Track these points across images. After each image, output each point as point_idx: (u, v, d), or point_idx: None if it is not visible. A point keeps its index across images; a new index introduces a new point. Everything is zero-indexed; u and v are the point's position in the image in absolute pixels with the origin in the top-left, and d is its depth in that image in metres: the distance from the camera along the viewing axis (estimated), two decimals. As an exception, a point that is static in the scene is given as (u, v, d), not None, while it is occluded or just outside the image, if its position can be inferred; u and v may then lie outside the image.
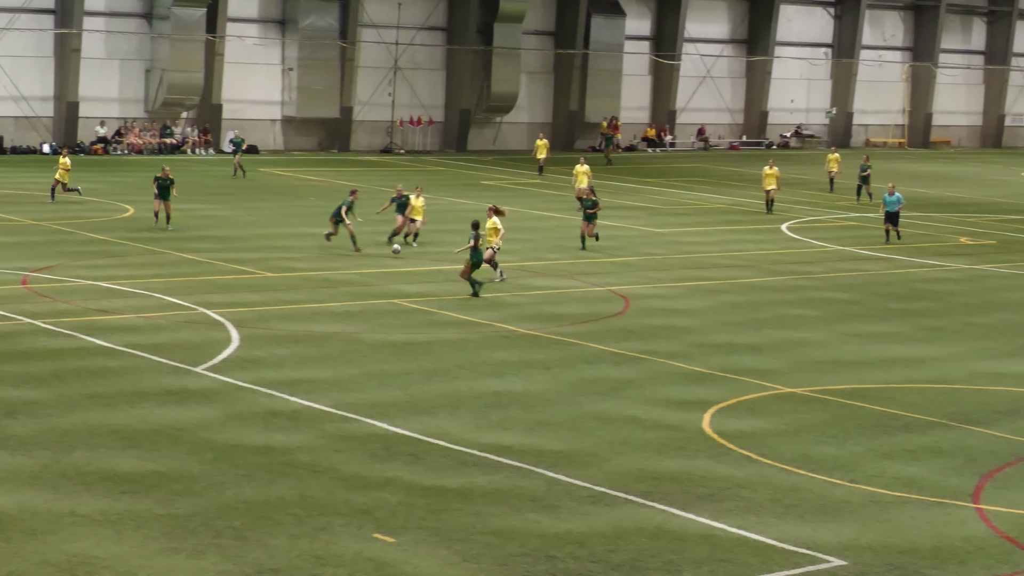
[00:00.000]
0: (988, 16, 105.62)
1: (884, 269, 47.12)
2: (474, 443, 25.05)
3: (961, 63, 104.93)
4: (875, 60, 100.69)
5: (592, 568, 19.54)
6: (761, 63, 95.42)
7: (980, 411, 29.10)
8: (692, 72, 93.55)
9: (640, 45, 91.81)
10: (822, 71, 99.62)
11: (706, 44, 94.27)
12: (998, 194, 72.95)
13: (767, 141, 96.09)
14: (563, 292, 40.27)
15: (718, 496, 22.90)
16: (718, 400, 28.97)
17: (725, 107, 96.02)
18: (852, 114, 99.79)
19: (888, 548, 20.90)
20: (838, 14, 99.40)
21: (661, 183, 71.10)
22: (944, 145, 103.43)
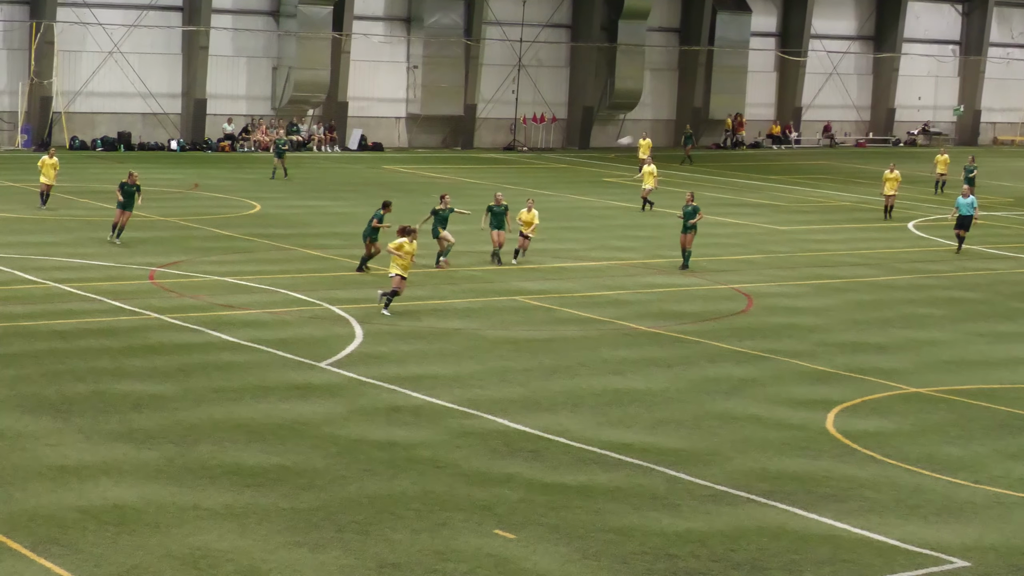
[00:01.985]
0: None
1: (1012, 268, 46.50)
2: (594, 440, 25.03)
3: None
4: (1003, 57, 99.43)
5: (713, 567, 19.46)
6: (888, 60, 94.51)
7: (1109, 413, 28.67)
8: (818, 69, 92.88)
9: (766, 42, 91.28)
10: (950, 68, 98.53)
11: (833, 40, 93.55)
12: None
13: (894, 139, 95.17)
14: (685, 290, 40.12)
15: (841, 496, 22.71)
16: (842, 400, 28.74)
17: (851, 104, 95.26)
18: (980, 112, 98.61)
19: (1012, 550, 20.64)
20: (966, 11, 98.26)
21: (786, 180, 70.65)
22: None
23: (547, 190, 61.63)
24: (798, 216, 57.63)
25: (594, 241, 47.33)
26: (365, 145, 78.40)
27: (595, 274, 41.44)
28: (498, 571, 18.94)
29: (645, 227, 51.30)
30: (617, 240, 48.12)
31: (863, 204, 62.19)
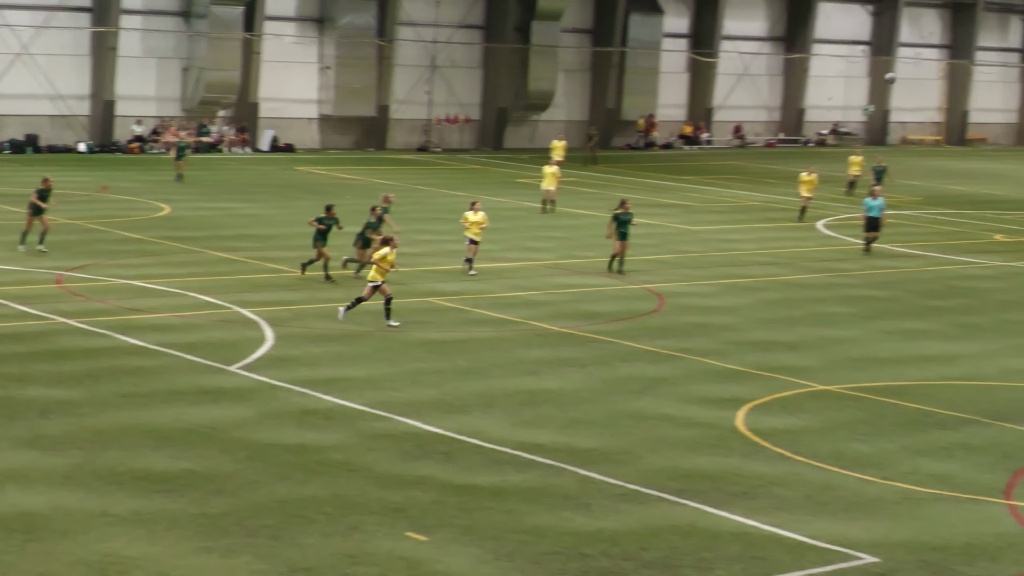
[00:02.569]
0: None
1: (919, 266, 46.95)
2: (508, 441, 25.04)
3: (998, 61, 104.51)
4: (913, 58, 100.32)
5: (625, 566, 19.52)
6: (799, 60, 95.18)
7: (1014, 408, 28.98)
8: (730, 70, 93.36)
9: (678, 43, 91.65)
10: (860, 69, 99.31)
11: (744, 42, 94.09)
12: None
13: (804, 139, 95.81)
14: (598, 290, 40.22)
15: (751, 494, 22.85)
16: (753, 398, 28.91)
17: (762, 104, 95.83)
18: (889, 112, 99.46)
19: (921, 545, 20.83)
20: (876, 11, 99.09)
21: (697, 181, 70.98)
22: (980, 142, 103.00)
23: (460, 191, 61.59)
24: (709, 216, 57.93)
25: (507, 242, 47.33)
26: (277, 146, 78.06)
27: (508, 275, 41.46)
28: (410, 574, 18.91)
29: (558, 228, 51.40)
30: (530, 241, 48.17)
31: (773, 204, 62.59)
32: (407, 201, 51.91)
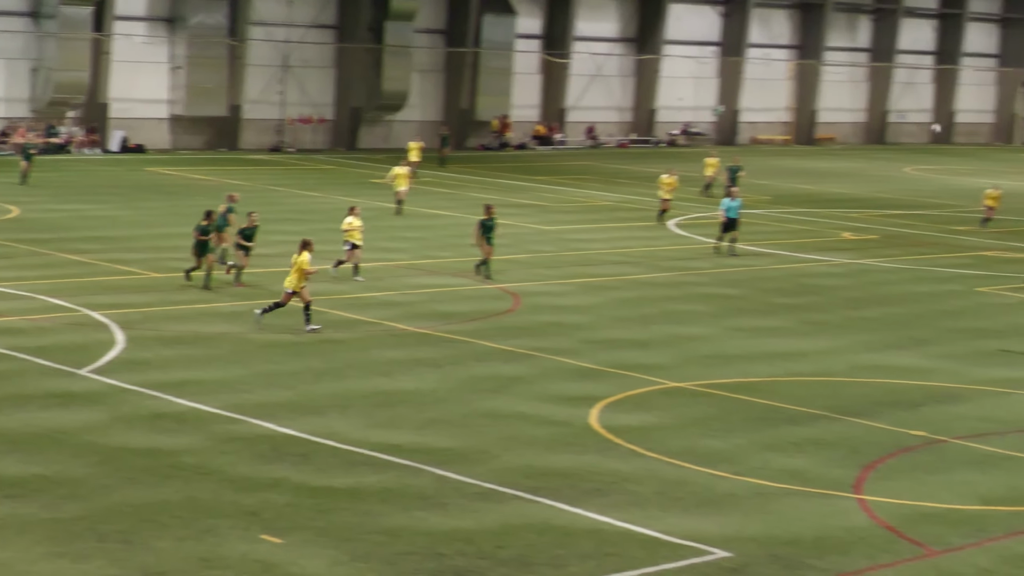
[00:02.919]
0: (874, 14, 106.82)
1: (769, 264, 47.54)
2: (363, 442, 25.00)
3: (846, 60, 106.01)
4: (762, 58, 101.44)
5: (480, 564, 19.58)
6: (650, 61, 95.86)
7: (862, 403, 29.46)
8: (582, 70, 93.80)
9: (531, 44, 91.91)
10: (710, 69, 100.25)
11: (596, 43, 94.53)
12: (881, 190, 73.77)
13: (656, 139, 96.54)
14: (453, 290, 40.26)
15: (605, 490, 23.01)
16: (606, 395, 29.11)
17: (615, 105, 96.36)
18: (739, 112, 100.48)
19: (772, 539, 21.11)
20: (726, 12, 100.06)
21: (551, 181, 71.25)
22: (829, 142, 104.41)
23: (314, 192, 61.37)
24: (563, 216, 58.19)
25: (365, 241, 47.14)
26: (127, 147, 77.13)
27: (363, 276, 41.30)
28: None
29: (412, 228, 51.35)
30: (385, 241, 48.05)
31: (626, 204, 63.02)
32: (260, 202, 51.55)
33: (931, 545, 21.25)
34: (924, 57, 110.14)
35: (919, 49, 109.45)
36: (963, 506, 23.14)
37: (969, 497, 23.61)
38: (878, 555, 20.72)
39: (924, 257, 50.63)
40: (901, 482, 24.30)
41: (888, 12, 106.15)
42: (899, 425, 27.84)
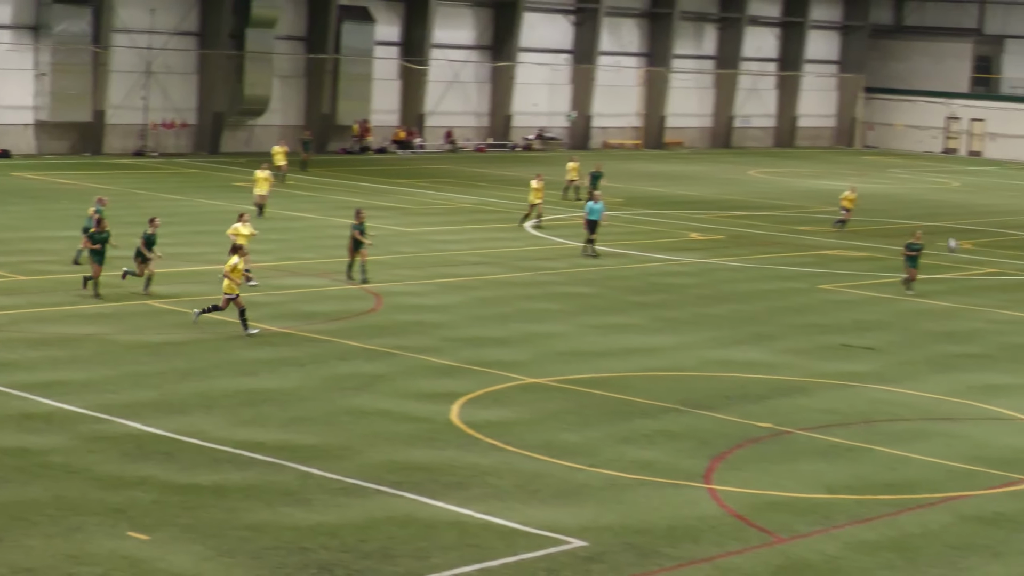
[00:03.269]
0: (719, 23, 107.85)
1: (621, 264, 47.84)
2: (228, 440, 24.81)
3: (693, 67, 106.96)
4: (613, 65, 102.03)
5: (344, 558, 19.51)
6: (506, 68, 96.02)
7: (711, 396, 29.75)
8: (440, 77, 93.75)
9: (390, 50, 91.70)
10: (563, 76, 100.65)
11: (453, 50, 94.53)
12: (727, 192, 74.52)
13: (512, 143, 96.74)
14: (316, 291, 40.07)
15: (466, 484, 23.04)
16: (466, 392, 29.14)
17: (472, 111, 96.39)
18: (591, 117, 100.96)
19: (626, 528, 21.25)
20: (578, 21, 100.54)
21: (411, 184, 71.12)
22: (677, 146, 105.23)
23: (177, 195, 60.76)
24: (423, 218, 58.12)
25: (225, 245, 46.72)
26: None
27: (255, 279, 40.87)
28: (132, 572, 18.62)
29: (276, 230, 50.96)
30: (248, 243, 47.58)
31: (484, 206, 63.10)
32: (124, 205, 50.97)
33: (779, 533, 21.51)
34: (768, 64, 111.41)
35: (763, 56, 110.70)
36: (809, 495, 23.45)
37: (815, 486, 23.93)
38: (728, 542, 20.94)
39: (769, 256, 51.24)
40: (749, 472, 24.57)
41: (732, 20, 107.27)
42: (746, 417, 28.15)
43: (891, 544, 21.18)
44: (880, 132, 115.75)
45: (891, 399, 30.43)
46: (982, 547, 21.28)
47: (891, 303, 42.47)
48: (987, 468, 25.44)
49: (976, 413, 29.61)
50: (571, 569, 19.55)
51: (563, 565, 19.67)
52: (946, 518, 22.58)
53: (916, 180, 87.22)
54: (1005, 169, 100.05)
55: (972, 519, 22.58)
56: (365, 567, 19.24)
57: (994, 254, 54.22)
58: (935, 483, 24.48)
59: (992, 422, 28.95)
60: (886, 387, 31.44)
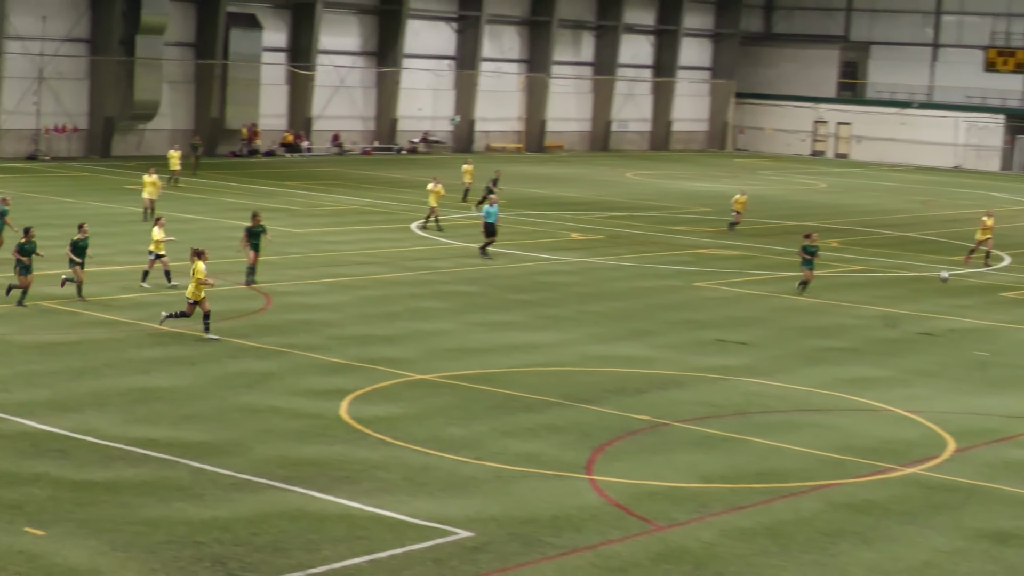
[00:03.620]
0: (596, 30, 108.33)
1: (505, 264, 47.90)
2: (121, 438, 24.54)
3: (572, 74, 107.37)
4: (495, 71, 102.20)
5: (237, 551, 19.37)
6: (391, 74, 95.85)
7: (592, 390, 29.86)
8: (327, 82, 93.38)
9: (277, 56, 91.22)
10: (447, 81, 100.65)
11: (339, 56, 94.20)
12: (605, 193, 74.87)
13: (397, 147, 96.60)
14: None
15: (355, 478, 22.96)
16: (355, 388, 29.04)
17: (358, 115, 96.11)
18: (474, 121, 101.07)
19: (511, 519, 21.28)
20: (460, 28, 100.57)
21: (299, 186, 70.75)
22: (557, 149, 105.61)
23: (70, 198, 59.99)
24: (311, 219, 57.84)
25: (118, 246, 46.34)
26: None
27: (120, 278, 40.55)
28: (29, 567, 18.36)
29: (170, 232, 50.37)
30: (140, 245, 47.09)
31: (371, 208, 62.92)
32: (18, 208, 50.15)
33: (657, 521, 21.64)
34: (643, 70, 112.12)
35: (638, 63, 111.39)
36: (686, 484, 23.62)
37: (691, 476, 24.11)
38: (609, 531, 21.04)
39: (646, 255, 51.56)
40: (628, 463, 24.70)
41: (609, 28, 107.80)
42: (625, 410, 28.30)
43: (765, 531, 21.40)
44: (751, 135, 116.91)
45: (763, 391, 30.74)
46: (852, 533, 21.55)
47: (763, 299, 42.92)
48: (856, 457, 25.77)
49: (845, 404, 30.00)
50: (458, 559, 19.55)
51: (450, 555, 19.67)
52: (817, 505, 22.85)
53: (785, 181, 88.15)
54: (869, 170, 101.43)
55: (842, 506, 22.86)
56: (258, 560, 19.12)
57: (861, 252, 54.95)
58: (806, 472, 24.75)
59: (860, 413, 29.33)
60: (759, 380, 31.76)
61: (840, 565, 20.16)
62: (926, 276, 49.17)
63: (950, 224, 65.45)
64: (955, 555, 20.80)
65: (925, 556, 20.69)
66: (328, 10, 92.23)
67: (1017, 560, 20.72)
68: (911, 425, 28.40)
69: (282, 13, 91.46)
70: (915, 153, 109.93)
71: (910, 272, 50.16)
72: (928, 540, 21.38)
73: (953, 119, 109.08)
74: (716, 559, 20.15)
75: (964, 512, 22.87)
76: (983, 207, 74.90)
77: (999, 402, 30.84)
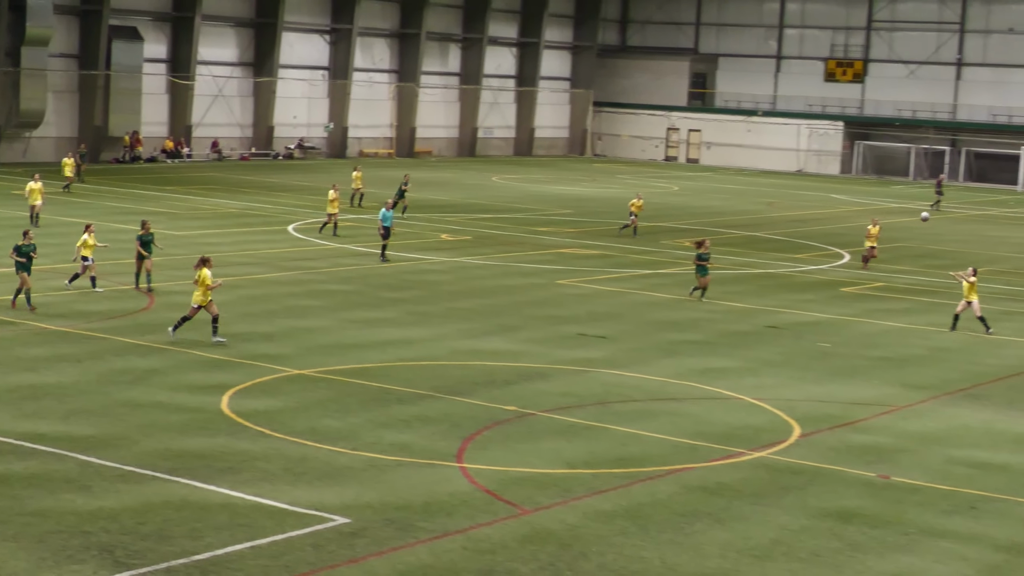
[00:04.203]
0: (462, 42, 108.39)
1: (378, 264, 47.76)
2: (10, 432, 24.13)
3: (440, 83, 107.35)
4: (366, 81, 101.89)
5: (123, 540, 19.14)
6: (267, 83, 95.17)
7: (461, 383, 29.88)
8: (206, 91, 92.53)
9: (158, 67, 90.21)
10: (321, 91, 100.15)
11: (217, 66, 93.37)
12: (473, 196, 74.94)
13: (274, 153, 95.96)
14: (92, 291, 39.13)
15: (237, 468, 22.77)
16: (236, 384, 28.80)
17: (236, 122, 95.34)
18: (347, 128, 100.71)
19: (386, 505, 21.24)
20: (333, 41, 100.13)
21: (180, 190, 70.02)
22: (427, 154, 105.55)
23: (-43, 203, 58.80)
24: (192, 222, 57.24)
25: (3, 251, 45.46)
26: None
27: (4, 279, 39.81)
28: (-81, 560, 18.00)
29: (52, 235, 49.65)
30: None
31: (249, 211, 62.42)
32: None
33: (524, 505, 21.71)
34: (507, 80, 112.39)
35: (502, 73, 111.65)
36: (550, 470, 23.71)
37: (555, 462, 24.21)
38: (478, 515, 21.07)
39: (511, 254, 51.69)
40: (496, 451, 24.75)
41: (474, 41, 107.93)
42: (493, 401, 28.35)
43: (624, 513, 21.55)
44: (608, 142, 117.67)
45: (622, 382, 30.95)
46: (705, 514, 21.78)
47: (621, 296, 43.22)
48: (708, 443, 26.05)
49: (698, 393, 30.31)
50: (336, 544, 19.47)
51: (328, 540, 19.59)
52: (673, 488, 23.06)
53: (641, 185, 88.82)
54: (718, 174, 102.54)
55: (696, 489, 23.09)
56: (143, 548, 18.89)
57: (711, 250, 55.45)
58: (662, 457, 24.97)
59: (712, 401, 29.65)
60: (618, 371, 31.98)
61: (695, 544, 20.36)
62: (772, 273, 49.83)
63: (794, 224, 66.36)
64: (801, 533, 21.11)
65: (773, 534, 20.98)
66: (206, 23, 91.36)
67: (859, 537, 21.08)
68: (759, 412, 28.77)
69: (162, 26, 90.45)
70: (760, 158, 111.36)
71: (756, 269, 50.81)
72: (776, 519, 21.67)
73: (795, 126, 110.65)
74: (579, 540, 20.26)
75: (809, 493, 23.21)
76: (824, 208, 76.10)
77: (840, 390, 31.35)
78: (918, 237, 64.07)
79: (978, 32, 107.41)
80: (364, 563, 18.83)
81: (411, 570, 18.68)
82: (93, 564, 18.24)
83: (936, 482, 24.12)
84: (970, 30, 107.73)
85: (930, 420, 28.77)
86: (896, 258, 54.59)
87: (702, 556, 19.83)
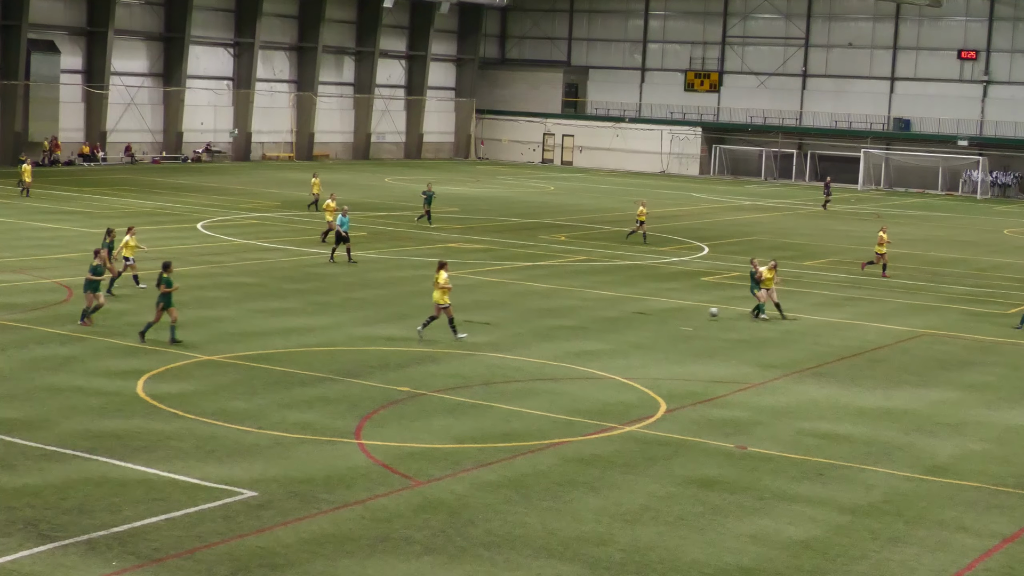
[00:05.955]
0: (356, 55, 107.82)
1: (281, 258, 47.40)
2: (-62, 417, 23.63)
3: (336, 92, 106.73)
4: (268, 90, 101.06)
5: (47, 514, 18.83)
6: (176, 92, 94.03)
7: (359, 367, 29.76)
8: (119, 100, 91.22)
9: (74, 77, 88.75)
10: (226, 99, 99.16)
11: (130, 77, 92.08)
12: (368, 196, 74.60)
13: (183, 156, 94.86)
14: (14, 285, 38.45)
15: (152, 447, 22.50)
16: (150, 369, 28.44)
17: (147, 128, 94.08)
18: (251, 134, 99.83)
19: (290, 479, 21.11)
20: (236, 53, 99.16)
21: (96, 192, 68.93)
22: (325, 158, 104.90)
23: None
24: (107, 221, 56.08)
25: (-70, 246, 44.53)
26: None
27: None
28: None
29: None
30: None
31: (161, 210, 61.60)
32: None
33: (417, 477, 21.68)
34: (397, 90, 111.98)
35: (393, 83, 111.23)
36: (441, 445, 23.71)
37: (445, 438, 24.21)
38: (375, 487, 21.01)
39: (403, 249, 51.53)
40: (391, 428, 24.69)
41: (367, 53, 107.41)
42: (388, 383, 28.27)
43: (508, 483, 21.60)
44: (490, 146, 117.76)
45: (505, 364, 31.00)
46: (582, 483, 21.90)
47: (503, 286, 43.27)
48: (583, 419, 26.18)
49: (574, 374, 30.44)
50: (244, 515, 19.31)
51: (237, 512, 19.42)
52: (552, 460, 23.15)
53: (521, 185, 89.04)
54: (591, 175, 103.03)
55: (573, 460, 23.21)
56: (66, 521, 18.60)
57: (584, 244, 55.80)
58: (542, 432, 25.06)
59: (586, 381, 29.80)
60: (501, 355, 32.03)
61: (572, 510, 20.47)
62: (639, 264, 50.18)
63: (658, 220, 66.83)
64: (667, 499, 21.30)
65: (643, 500, 21.14)
66: (119, 37, 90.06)
67: (719, 501, 21.31)
68: (629, 390, 28.97)
69: (78, 39, 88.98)
70: (628, 160, 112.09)
71: (625, 261, 51.12)
72: (645, 487, 21.84)
73: (659, 131, 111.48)
74: (467, 508, 20.28)
75: (674, 463, 23.42)
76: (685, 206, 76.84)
77: (702, 369, 31.66)
78: (770, 231, 64.88)
79: (821, 47, 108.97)
80: (271, 533, 18.70)
81: (314, 538, 18.58)
82: (19, 537, 17.92)
83: (788, 452, 24.46)
84: (814, 44, 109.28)
85: (782, 396, 29.16)
86: (750, 250, 55.21)
87: (579, 521, 19.94)
